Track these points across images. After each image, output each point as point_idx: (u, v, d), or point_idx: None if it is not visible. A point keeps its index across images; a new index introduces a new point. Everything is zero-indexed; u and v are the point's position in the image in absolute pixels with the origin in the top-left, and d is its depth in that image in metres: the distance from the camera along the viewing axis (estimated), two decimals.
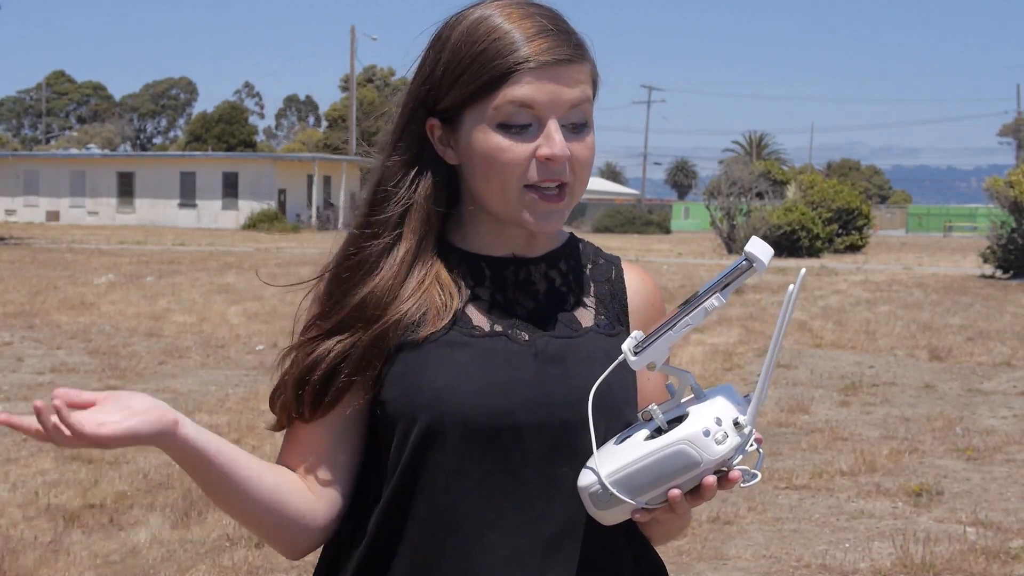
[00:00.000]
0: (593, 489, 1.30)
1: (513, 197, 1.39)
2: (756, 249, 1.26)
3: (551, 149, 1.36)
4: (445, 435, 1.38)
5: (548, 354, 1.42)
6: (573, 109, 1.38)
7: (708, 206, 35.60)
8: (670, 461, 1.26)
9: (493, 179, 1.39)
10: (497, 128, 1.37)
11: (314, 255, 26.97)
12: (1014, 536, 5.49)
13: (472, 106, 1.38)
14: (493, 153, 1.38)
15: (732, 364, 10.86)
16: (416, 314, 1.42)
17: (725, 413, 1.28)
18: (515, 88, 1.36)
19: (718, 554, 5.16)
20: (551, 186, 1.39)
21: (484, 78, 1.37)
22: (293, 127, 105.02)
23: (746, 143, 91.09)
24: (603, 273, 1.53)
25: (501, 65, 1.36)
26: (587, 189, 1.69)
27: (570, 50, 1.38)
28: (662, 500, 1.29)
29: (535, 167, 1.37)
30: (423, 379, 1.39)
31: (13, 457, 6.70)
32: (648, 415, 1.31)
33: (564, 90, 1.37)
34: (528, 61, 1.35)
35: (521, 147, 1.37)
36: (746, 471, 1.29)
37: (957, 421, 8.24)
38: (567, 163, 1.38)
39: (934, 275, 24.22)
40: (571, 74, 1.38)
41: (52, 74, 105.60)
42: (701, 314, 1.28)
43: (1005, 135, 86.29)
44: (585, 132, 1.40)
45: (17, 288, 17.05)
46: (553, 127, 1.37)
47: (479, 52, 1.37)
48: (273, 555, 4.97)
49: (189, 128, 79.17)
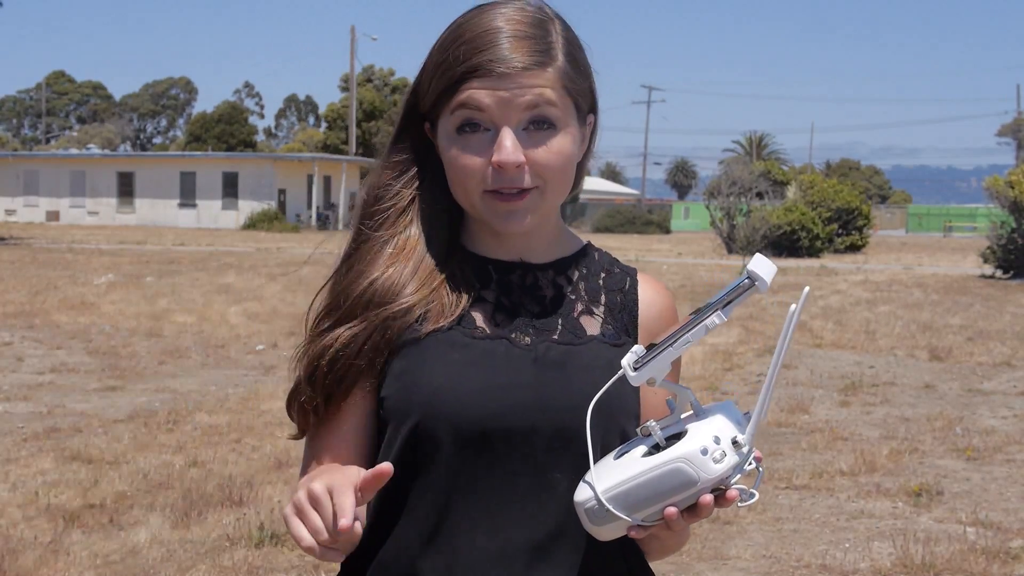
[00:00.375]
0: (589, 504, 1.29)
1: (476, 202, 1.41)
2: (758, 267, 1.25)
3: (499, 156, 1.36)
4: (438, 434, 1.38)
5: (548, 359, 1.42)
6: (529, 112, 1.37)
7: (708, 206, 35.64)
8: (667, 479, 1.25)
9: (457, 184, 1.42)
10: (456, 133, 1.39)
11: (314, 255, 26.95)
12: (1014, 536, 5.49)
13: (440, 111, 1.41)
14: (452, 160, 1.40)
15: (732, 364, 10.86)
16: (421, 309, 1.43)
17: (724, 431, 1.27)
18: (465, 94, 1.37)
19: (718, 554, 5.16)
20: (512, 191, 1.39)
21: (444, 84, 1.39)
22: (293, 127, 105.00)
23: (746, 143, 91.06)
24: (617, 283, 1.52)
25: (457, 71, 1.37)
26: (587, 189, 1.68)
27: (525, 56, 1.37)
28: (658, 517, 1.28)
29: (491, 174, 1.38)
30: (420, 377, 1.40)
31: (13, 457, 6.69)
32: (647, 431, 1.30)
33: (514, 95, 1.36)
34: (478, 68, 1.36)
35: (477, 152, 1.38)
36: (743, 490, 1.28)
37: (957, 421, 8.24)
38: (526, 169, 1.38)
39: (934, 275, 24.23)
40: (525, 79, 1.37)
41: (52, 74, 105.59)
42: (702, 331, 1.27)
43: (1005, 135, 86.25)
44: (550, 134, 1.39)
45: (17, 288, 17.05)
46: (505, 134, 1.37)
47: (444, 58, 1.39)
48: (273, 555, 4.98)
49: (189, 128, 79.19)
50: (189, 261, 24.35)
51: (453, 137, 1.39)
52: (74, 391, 8.90)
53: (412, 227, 1.46)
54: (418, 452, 1.40)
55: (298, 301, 15.51)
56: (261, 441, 7.16)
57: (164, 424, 7.66)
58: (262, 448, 6.96)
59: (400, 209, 1.47)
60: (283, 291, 17.10)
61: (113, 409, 8.19)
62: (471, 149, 1.38)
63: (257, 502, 5.73)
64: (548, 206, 1.43)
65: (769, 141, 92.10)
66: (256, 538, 5.12)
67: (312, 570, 4.80)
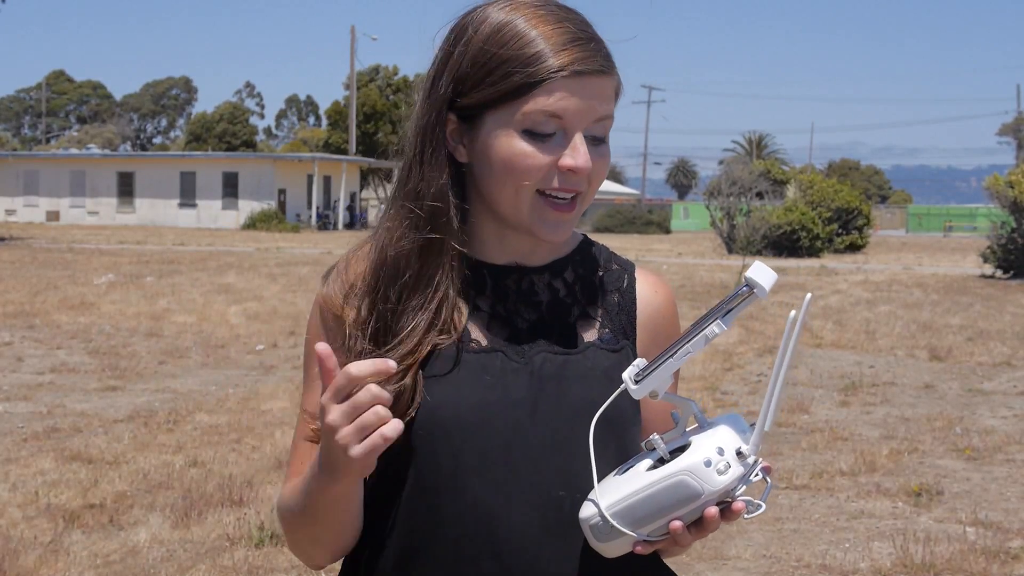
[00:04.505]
0: (593, 521, 1.28)
1: (525, 202, 1.37)
2: (757, 275, 1.24)
3: (575, 161, 1.34)
4: (436, 452, 1.37)
5: (545, 372, 1.40)
6: (598, 123, 1.37)
7: (708, 206, 35.64)
8: (670, 492, 1.24)
9: (509, 183, 1.36)
10: (523, 134, 1.35)
11: (314, 255, 26.97)
12: (1014, 536, 5.49)
13: (496, 108, 1.36)
14: (516, 158, 1.35)
15: (732, 364, 10.86)
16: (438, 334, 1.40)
17: (728, 442, 1.25)
18: (548, 97, 1.33)
19: (718, 554, 5.15)
20: (565, 196, 1.37)
21: (515, 82, 1.34)
22: (293, 127, 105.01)
23: (746, 143, 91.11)
24: (614, 282, 1.49)
25: (535, 72, 1.33)
26: None
27: (602, 62, 1.36)
28: (664, 532, 1.26)
29: (555, 176, 1.36)
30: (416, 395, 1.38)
31: (13, 457, 6.69)
32: (651, 444, 1.29)
33: (595, 104, 1.35)
34: (562, 71, 1.33)
35: (543, 154, 1.35)
36: (750, 501, 1.26)
37: (957, 421, 8.24)
38: (586, 175, 1.37)
39: (934, 275, 24.22)
40: (601, 87, 1.36)
41: (52, 74, 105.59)
42: (702, 341, 1.25)
43: (1005, 135, 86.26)
44: (603, 146, 1.39)
45: (17, 288, 17.04)
46: (579, 139, 1.35)
47: (511, 55, 1.34)
48: (273, 555, 4.98)
49: (189, 128, 79.21)
50: (189, 261, 24.34)
51: (516, 136, 1.35)
52: (74, 391, 8.89)
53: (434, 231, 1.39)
54: (414, 469, 1.38)
55: (298, 301, 15.51)
56: (261, 441, 7.16)
57: (164, 424, 7.66)
58: (262, 448, 6.96)
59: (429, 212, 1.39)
60: (283, 291, 17.09)
61: (113, 409, 8.19)
62: (541, 148, 1.35)
63: (257, 502, 5.72)
64: (580, 214, 1.42)
65: (769, 141, 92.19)
66: (256, 538, 5.12)
67: (312, 570, 4.80)
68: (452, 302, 1.40)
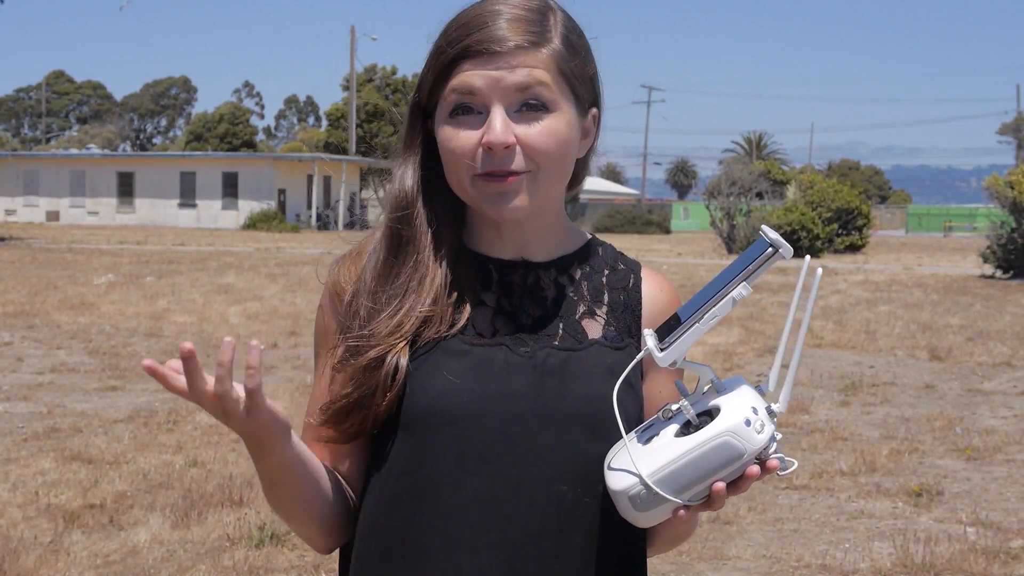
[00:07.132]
0: (635, 491, 1.27)
1: (468, 187, 1.37)
2: (772, 237, 1.24)
3: (488, 136, 1.33)
4: (436, 444, 1.37)
5: (547, 367, 1.40)
6: (521, 93, 1.34)
7: (708, 206, 35.66)
8: (715, 454, 1.24)
9: (450, 170, 1.38)
10: (448, 118, 1.37)
11: (314, 255, 26.96)
12: (1014, 536, 5.49)
13: (436, 99, 1.39)
14: (444, 143, 1.37)
15: (732, 364, 10.86)
16: (427, 313, 1.41)
17: (759, 402, 1.27)
18: (457, 77, 1.35)
19: (718, 554, 5.15)
20: (502, 173, 1.35)
21: (438, 69, 1.37)
22: (293, 127, 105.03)
23: (746, 143, 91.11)
24: (620, 280, 1.49)
25: (450, 53, 1.35)
26: (587, 189, 1.67)
27: (518, 35, 1.34)
28: (703, 496, 1.26)
29: (481, 156, 1.35)
30: (417, 385, 1.38)
31: (13, 457, 6.69)
32: (669, 413, 1.28)
33: (505, 75, 1.33)
34: (468, 49, 1.34)
35: (468, 135, 1.35)
36: (783, 459, 1.28)
37: (957, 421, 8.24)
38: (518, 150, 1.35)
39: (934, 275, 24.22)
40: (516, 59, 1.34)
41: (52, 74, 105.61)
42: (729, 304, 1.24)
43: (1005, 135, 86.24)
44: (543, 116, 1.35)
45: (17, 288, 17.04)
46: (495, 113, 1.34)
47: (438, 46, 1.38)
48: (273, 555, 4.98)
49: (189, 128, 79.21)
50: (189, 261, 24.34)
51: (446, 121, 1.37)
52: (74, 391, 8.90)
53: (427, 237, 1.42)
54: (415, 460, 1.38)
55: (298, 301, 15.51)
56: None
57: (164, 424, 7.66)
58: None
59: (418, 210, 1.43)
60: (283, 291, 17.09)
61: (113, 409, 8.19)
62: (462, 131, 1.35)
63: (257, 502, 5.72)
64: (543, 194, 1.38)
65: (769, 141, 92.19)
66: (256, 538, 5.13)
67: (312, 570, 4.80)
68: (437, 290, 1.40)
